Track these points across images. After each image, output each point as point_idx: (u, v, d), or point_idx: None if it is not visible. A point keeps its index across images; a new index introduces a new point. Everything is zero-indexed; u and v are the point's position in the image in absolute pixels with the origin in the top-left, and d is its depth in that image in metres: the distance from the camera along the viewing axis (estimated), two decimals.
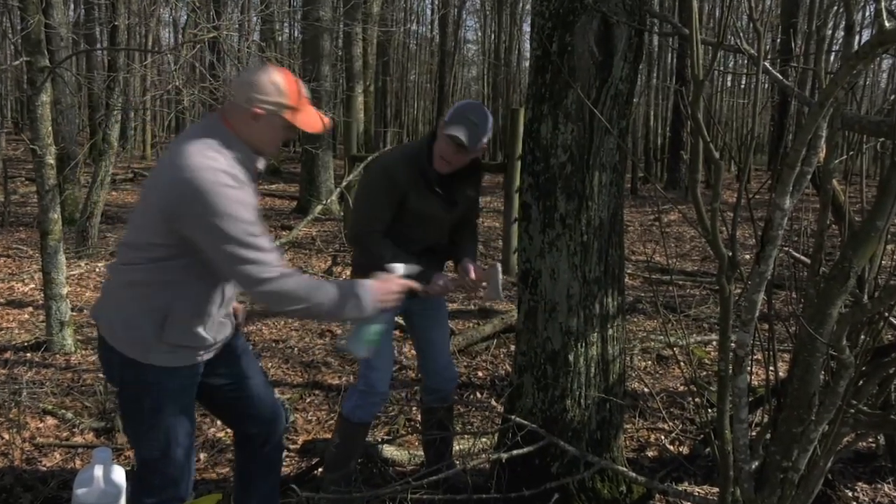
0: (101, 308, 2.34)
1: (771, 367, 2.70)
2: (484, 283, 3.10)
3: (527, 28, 33.13)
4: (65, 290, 5.27)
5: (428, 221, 3.10)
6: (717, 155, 1.97)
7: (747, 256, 8.40)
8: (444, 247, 3.26)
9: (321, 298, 2.21)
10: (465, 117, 2.91)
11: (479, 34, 36.90)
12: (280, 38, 21.94)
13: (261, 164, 2.35)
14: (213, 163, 2.12)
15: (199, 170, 2.09)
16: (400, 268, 2.54)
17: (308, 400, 4.53)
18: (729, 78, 28.79)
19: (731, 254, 2.07)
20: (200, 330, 2.30)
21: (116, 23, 9.71)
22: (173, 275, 2.22)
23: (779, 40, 18.84)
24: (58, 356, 5.18)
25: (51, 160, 5.13)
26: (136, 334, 2.25)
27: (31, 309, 6.42)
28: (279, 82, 2.23)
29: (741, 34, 2.46)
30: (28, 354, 5.18)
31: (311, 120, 2.32)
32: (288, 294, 2.17)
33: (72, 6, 22.36)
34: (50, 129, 5.17)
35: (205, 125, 2.27)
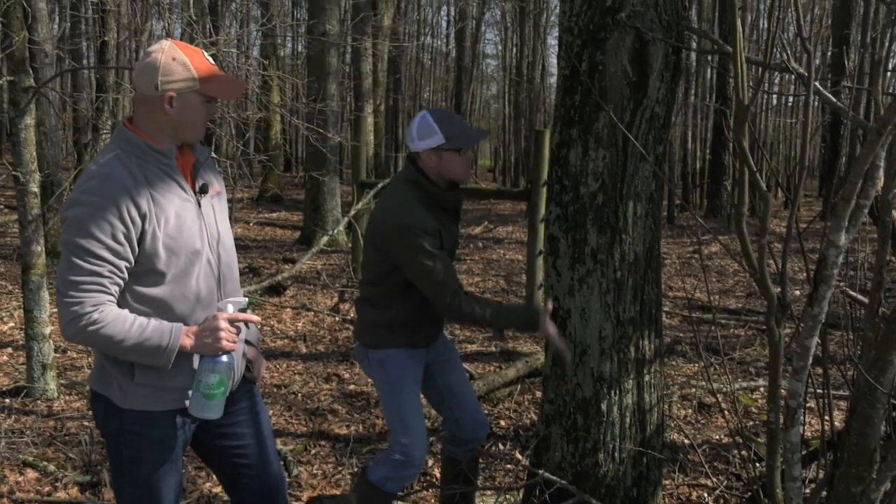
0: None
1: (826, 418, 2.69)
2: None
3: (552, 42, 33.50)
4: (48, 330, 5.31)
5: (452, 254, 3.08)
6: (764, 186, 1.99)
7: (797, 292, 8.39)
8: None
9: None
10: (453, 121, 2.94)
11: (500, 48, 37.34)
12: (282, 54, 22.24)
13: (202, 155, 2.37)
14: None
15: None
16: (237, 303, 2.30)
17: (313, 451, 4.54)
18: (774, 95, 28.86)
19: (780, 293, 2.08)
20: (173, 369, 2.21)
21: (105, 38, 9.89)
22: (148, 301, 2.20)
23: (829, 53, 18.86)
24: (39, 402, 5.22)
25: (34, 188, 5.19)
26: (108, 374, 2.25)
27: (10, 350, 6.47)
28: (182, 57, 2.19)
29: (787, 48, 2.49)
30: (7, 400, 5.22)
31: (228, 86, 2.27)
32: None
33: (57, 19, 22.77)
34: (34, 154, 5.23)
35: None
